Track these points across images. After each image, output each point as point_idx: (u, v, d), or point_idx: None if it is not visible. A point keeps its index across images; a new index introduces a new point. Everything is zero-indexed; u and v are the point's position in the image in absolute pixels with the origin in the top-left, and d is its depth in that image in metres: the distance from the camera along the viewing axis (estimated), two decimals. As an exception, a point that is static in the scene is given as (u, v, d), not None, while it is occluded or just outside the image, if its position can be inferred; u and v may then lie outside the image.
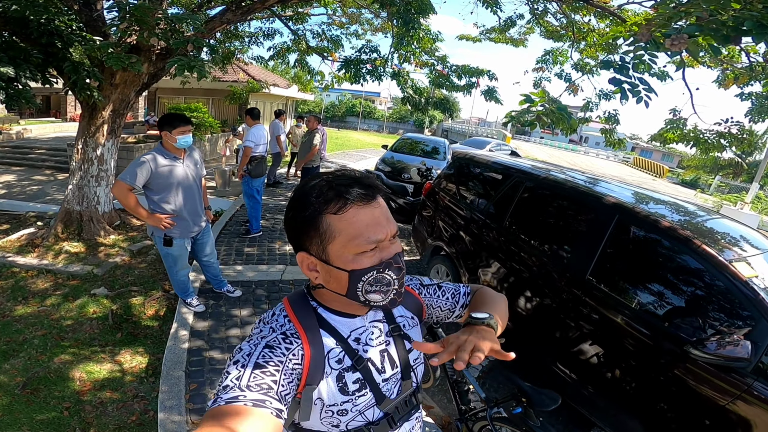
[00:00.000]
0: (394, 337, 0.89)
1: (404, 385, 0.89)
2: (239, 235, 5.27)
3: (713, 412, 1.83)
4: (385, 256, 0.74)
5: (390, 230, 0.75)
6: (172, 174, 2.89)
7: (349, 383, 0.79)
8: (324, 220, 0.73)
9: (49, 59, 3.96)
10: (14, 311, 3.42)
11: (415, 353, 0.92)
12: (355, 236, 0.72)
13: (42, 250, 4.52)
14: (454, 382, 2.23)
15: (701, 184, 25.77)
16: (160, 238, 2.97)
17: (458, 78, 6.04)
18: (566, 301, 2.53)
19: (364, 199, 0.73)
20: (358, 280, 0.73)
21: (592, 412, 2.38)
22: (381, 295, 0.76)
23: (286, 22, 6.74)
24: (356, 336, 0.83)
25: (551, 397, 1.72)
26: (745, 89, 4.36)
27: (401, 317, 0.94)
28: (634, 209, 2.48)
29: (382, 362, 0.85)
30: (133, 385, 2.68)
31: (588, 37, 4.60)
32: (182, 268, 3.20)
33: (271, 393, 0.66)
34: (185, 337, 3.00)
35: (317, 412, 0.78)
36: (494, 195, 3.44)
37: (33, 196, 7.74)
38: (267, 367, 0.69)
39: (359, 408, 0.80)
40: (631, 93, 2.11)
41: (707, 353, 1.78)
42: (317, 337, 0.78)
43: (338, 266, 0.74)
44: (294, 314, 0.80)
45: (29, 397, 2.51)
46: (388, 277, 0.75)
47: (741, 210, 10.90)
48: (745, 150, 22.64)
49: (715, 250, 2.06)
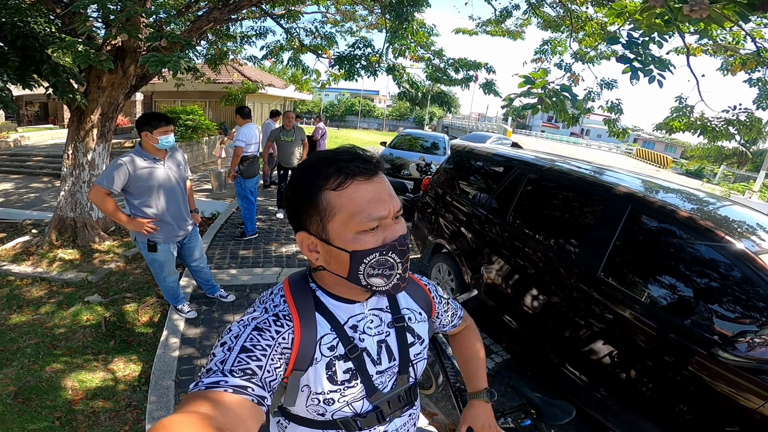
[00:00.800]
0: (397, 328, 0.85)
1: (400, 379, 0.85)
2: (234, 237, 5.18)
3: (742, 416, 1.69)
4: (388, 236, 0.71)
5: (393, 207, 0.71)
6: (152, 176, 2.76)
7: (339, 372, 0.76)
8: (324, 196, 0.69)
9: (27, 62, 3.86)
10: (8, 320, 3.38)
11: (416, 348, 0.88)
12: (356, 213, 0.68)
13: (36, 258, 4.46)
14: (456, 389, 2.11)
15: (706, 174, 25.50)
16: (144, 243, 2.86)
17: (455, 72, 5.93)
18: (576, 299, 2.38)
19: (364, 174, 0.70)
20: (360, 262, 0.70)
21: (607, 417, 2.24)
22: (384, 279, 0.72)
23: (278, 21, 6.64)
24: (353, 323, 0.80)
25: (564, 410, 1.56)
26: (753, 75, 4.23)
27: (407, 309, 0.90)
28: (648, 199, 2.31)
29: (379, 353, 0.82)
30: (126, 394, 2.62)
31: (587, 26, 4.48)
32: (169, 274, 3.10)
33: (255, 379, 0.63)
34: (176, 344, 2.92)
35: (303, 398, 0.76)
36: (496, 188, 3.31)
37: (30, 204, 7.70)
38: (253, 351, 0.66)
39: (347, 399, 0.78)
40: (642, 72, 1.95)
41: (738, 356, 1.65)
42: (311, 321, 0.75)
43: (339, 246, 0.71)
44: (291, 295, 0.78)
45: (21, 406, 2.47)
46: (391, 260, 0.71)
47: (749, 199, 10.77)
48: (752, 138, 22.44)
49: (739, 241, 1.90)
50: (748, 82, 4.18)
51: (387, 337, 0.84)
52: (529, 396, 1.64)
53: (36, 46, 3.80)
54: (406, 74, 5.85)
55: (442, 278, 3.81)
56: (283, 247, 5.05)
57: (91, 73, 4.39)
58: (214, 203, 6.80)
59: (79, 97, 4.13)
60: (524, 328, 2.76)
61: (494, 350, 3.29)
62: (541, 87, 2.10)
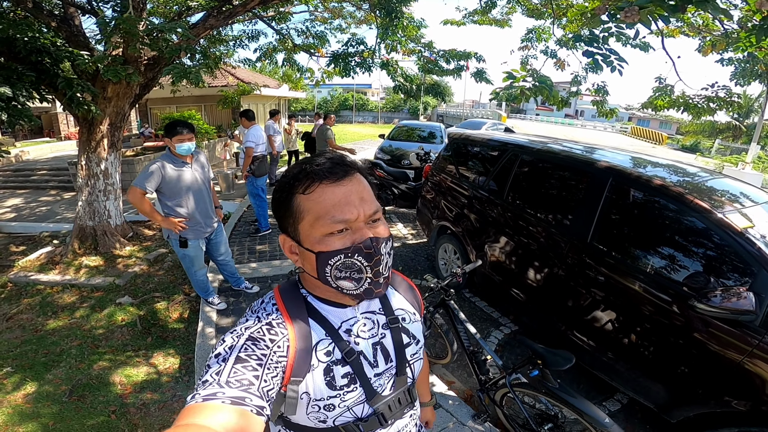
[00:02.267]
0: (392, 329, 0.85)
1: (398, 381, 0.85)
2: (249, 234, 5.44)
3: (730, 369, 1.82)
4: (357, 239, 0.70)
5: (363, 211, 0.71)
6: (182, 179, 3.03)
7: (338, 377, 0.76)
8: (294, 200, 0.72)
9: (41, 77, 4.06)
10: (46, 325, 3.56)
11: (412, 348, 0.88)
12: (321, 215, 0.69)
13: (62, 267, 4.68)
14: (471, 353, 2.32)
15: (701, 149, 25.73)
16: (176, 240, 3.12)
17: (446, 62, 6.11)
18: (572, 266, 2.61)
19: (331, 177, 0.70)
20: (325, 263, 0.71)
21: (611, 377, 2.41)
22: (353, 282, 0.72)
23: (269, 23, 6.79)
24: (347, 327, 0.80)
25: (564, 357, 1.76)
26: (724, 55, 4.46)
27: (401, 310, 0.90)
28: (627, 171, 2.53)
29: (375, 356, 0.81)
30: (170, 385, 2.81)
31: (569, 13, 4.68)
32: (200, 268, 3.36)
33: (252, 389, 0.62)
34: (212, 334, 3.14)
35: (303, 406, 0.75)
36: (492, 171, 3.56)
37: (43, 217, 7.89)
38: (249, 362, 0.66)
39: (347, 404, 0.77)
40: (604, 63, 2.23)
41: (712, 306, 1.80)
42: (305, 327, 0.75)
43: (307, 247, 0.72)
44: (282, 303, 0.77)
45: (77, 403, 2.62)
46: (357, 263, 0.70)
47: (743, 170, 10.98)
48: (740, 112, 22.56)
49: (707, 204, 2.09)
50: (720, 62, 4.41)
51: (383, 339, 0.83)
52: (534, 347, 1.85)
53: (49, 61, 3.98)
54: (400, 68, 6.04)
55: (449, 257, 4.08)
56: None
57: (96, 84, 4.57)
58: (225, 204, 7.02)
59: (94, 108, 4.32)
60: (528, 298, 3.00)
61: (502, 323, 3.54)
62: (521, 80, 2.38)
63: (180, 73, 3.46)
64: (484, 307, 3.79)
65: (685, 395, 2.04)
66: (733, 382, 1.84)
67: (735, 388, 1.84)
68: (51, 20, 4.41)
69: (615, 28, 2.05)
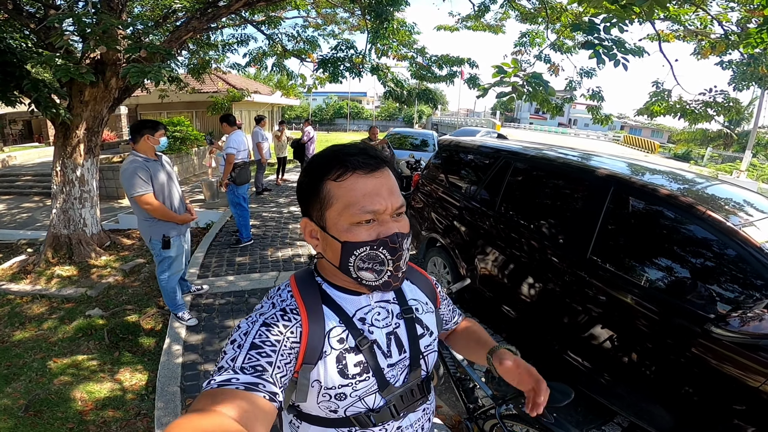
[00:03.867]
0: (406, 319, 0.84)
1: (412, 373, 0.84)
2: (230, 245, 5.21)
3: (746, 395, 1.67)
4: (383, 232, 0.71)
5: (391, 203, 0.72)
6: (160, 174, 3.04)
7: (350, 365, 0.75)
8: (324, 186, 0.72)
9: (7, 79, 3.87)
10: (12, 336, 3.41)
11: (426, 339, 0.86)
12: (351, 204, 0.70)
13: (34, 276, 4.48)
14: (457, 380, 2.11)
15: (693, 157, 25.90)
16: (158, 241, 3.06)
17: (439, 68, 6.02)
18: (569, 284, 2.41)
19: (364, 168, 0.71)
20: (350, 253, 0.71)
21: (611, 400, 2.24)
22: (374, 274, 0.73)
23: (259, 28, 6.67)
24: (361, 315, 0.80)
25: (563, 392, 1.51)
26: (723, 58, 4.36)
27: (414, 300, 0.89)
28: (630, 179, 2.34)
29: (389, 345, 0.80)
30: (135, 403, 2.66)
31: (562, 17, 4.59)
32: (177, 272, 3.29)
33: (266, 375, 0.63)
34: (179, 351, 2.96)
35: (314, 394, 0.75)
36: (484, 179, 3.38)
37: (23, 224, 7.67)
38: (263, 348, 0.67)
39: (359, 393, 0.76)
40: (606, 56, 2.05)
41: (731, 331, 1.65)
42: (319, 314, 0.75)
43: (333, 235, 0.73)
44: (297, 289, 0.78)
45: (33, 419, 2.50)
46: (381, 255, 0.71)
47: (737, 178, 11.00)
48: (733, 119, 22.78)
49: (721, 216, 1.92)
50: (720, 64, 4.31)
51: (396, 328, 0.83)
52: None
53: (15, 62, 3.80)
54: (391, 73, 5.93)
55: (438, 272, 3.88)
56: (279, 251, 5.09)
57: (72, 87, 4.40)
58: (207, 213, 6.82)
59: (63, 111, 4.13)
60: (522, 316, 2.80)
61: (495, 340, 3.35)
62: (513, 75, 2.19)
63: (137, 73, 3.28)
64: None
65: (693, 420, 1.87)
66: (751, 407, 1.67)
67: (751, 413, 1.67)
68: (30, 22, 4.24)
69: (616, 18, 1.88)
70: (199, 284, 3.98)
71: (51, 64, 3.52)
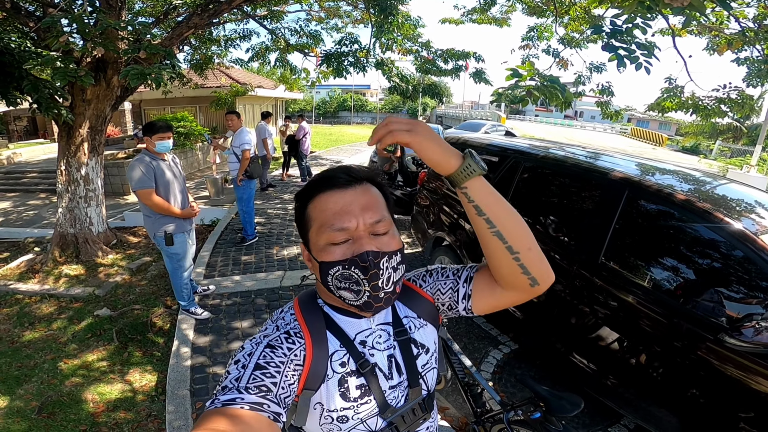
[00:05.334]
0: (399, 342, 0.83)
1: (412, 392, 0.82)
2: (235, 243, 5.19)
3: (755, 402, 1.67)
4: (356, 250, 0.69)
5: (362, 220, 0.69)
6: (165, 173, 3.10)
7: (352, 388, 0.75)
8: (306, 210, 0.74)
9: (6, 79, 3.84)
10: (22, 337, 3.44)
11: (423, 358, 0.83)
12: (323, 223, 0.71)
13: (42, 276, 4.50)
14: (465, 384, 2.12)
15: (702, 150, 25.55)
16: (162, 238, 3.11)
17: (444, 62, 5.93)
18: (579, 287, 2.38)
19: (335, 186, 0.71)
20: (326, 272, 0.71)
21: (618, 403, 2.24)
22: (352, 294, 0.71)
23: (261, 22, 6.59)
24: (362, 339, 0.79)
25: (572, 402, 1.53)
26: (740, 54, 4.24)
27: (406, 318, 0.86)
28: (645, 183, 2.29)
29: (390, 368, 0.80)
30: (145, 405, 2.68)
31: (571, 11, 4.48)
32: (186, 269, 3.33)
33: (270, 396, 0.63)
34: (187, 354, 2.96)
35: (316, 417, 0.74)
36: (492, 179, 3.34)
37: (30, 222, 7.70)
38: (267, 368, 0.67)
39: (361, 416, 0.76)
40: (628, 60, 1.97)
41: (744, 341, 1.63)
42: (322, 337, 0.75)
43: (313, 255, 0.74)
44: (301, 313, 0.78)
45: (46, 421, 2.53)
46: (355, 275, 0.69)
47: (748, 173, 10.83)
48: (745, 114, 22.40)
49: (739, 223, 1.89)
50: (736, 61, 4.20)
51: (394, 350, 0.82)
52: (537, 389, 1.60)
53: (13, 63, 3.77)
54: (396, 68, 5.85)
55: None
56: (285, 249, 5.08)
57: (74, 87, 4.37)
58: (213, 210, 6.80)
59: (65, 112, 4.11)
60: (530, 318, 2.78)
61: (502, 341, 3.33)
62: (528, 79, 2.12)
63: (137, 75, 3.25)
64: (482, 323, 3.57)
65: (700, 426, 1.86)
66: (759, 414, 1.66)
67: (759, 421, 1.66)
68: (29, 21, 4.20)
69: (640, 19, 1.80)
70: (205, 284, 4.02)
71: (51, 66, 3.50)
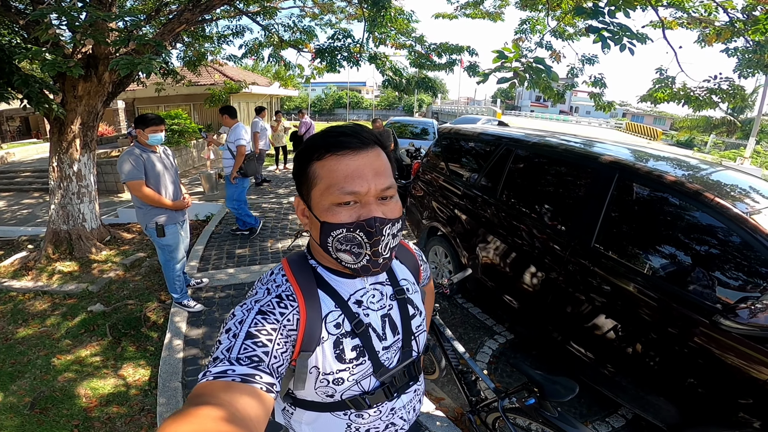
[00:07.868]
0: (398, 300, 0.84)
1: (404, 354, 0.84)
2: (233, 233, 5.23)
3: (754, 388, 1.64)
4: (363, 214, 0.69)
5: (374, 185, 0.69)
6: (156, 164, 3.11)
7: (347, 350, 0.75)
8: (311, 167, 0.72)
9: None
10: (16, 334, 3.43)
11: (417, 320, 0.87)
12: (332, 184, 0.69)
13: (35, 273, 4.48)
14: (459, 372, 2.11)
15: (697, 144, 25.64)
16: (153, 229, 3.12)
17: (438, 57, 5.92)
18: (573, 273, 2.37)
19: (346, 148, 0.69)
20: (328, 233, 0.70)
21: (616, 392, 2.22)
22: (352, 256, 0.71)
23: (254, 18, 6.55)
24: (357, 299, 0.78)
25: (567, 386, 1.50)
26: (729, 45, 4.26)
27: (405, 280, 0.88)
28: (635, 166, 2.27)
29: (383, 328, 0.80)
30: (139, 399, 2.67)
31: (563, 4, 4.48)
32: (179, 261, 3.34)
33: (262, 366, 0.62)
34: (179, 346, 2.95)
35: (312, 380, 0.74)
36: (485, 167, 3.33)
37: (24, 220, 7.66)
38: (259, 337, 0.65)
39: (356, 377, 0.76)
40: (612, 41, 1.97)
41: (739, 323, 1.61)
42: (315, 299, 0.74)
43: (315, 214, 0.73)
44: (292, 274, 0.76)
45: (39, 416, 2.53)
46: (359, 238, 0.69)
47: (741, 165, 10.94)
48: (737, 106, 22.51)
49: (729, 203, 1.87)
50: (726, 51, 4.22)
51: (390, 310, 0.82)
52: (530, 374, 1.59)
53: (3, 58, 3.74)
54: (389, 62, 5.84)
55: (439, 261, 3.86)
56: (279, 243, 5.08)
57: (65, 82, 4.34)
58: (207, 205, 6.78)
59: (56, 107, 4.06)
60: (524, 306, 2.77)
61: (497, 331, 3.32)
62: (514, 60, 2.12)
63: (126, 65, 3.22)
64: (477, 314, 3.57)
65: (698, 413, 1.85)
66: (758, 401, 1.64)
67: (758, 407, 1.64)
68: (19, 18, 4.16)
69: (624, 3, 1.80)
70: (198, 277, 4.02)
71: (39, 59, 3.48)
